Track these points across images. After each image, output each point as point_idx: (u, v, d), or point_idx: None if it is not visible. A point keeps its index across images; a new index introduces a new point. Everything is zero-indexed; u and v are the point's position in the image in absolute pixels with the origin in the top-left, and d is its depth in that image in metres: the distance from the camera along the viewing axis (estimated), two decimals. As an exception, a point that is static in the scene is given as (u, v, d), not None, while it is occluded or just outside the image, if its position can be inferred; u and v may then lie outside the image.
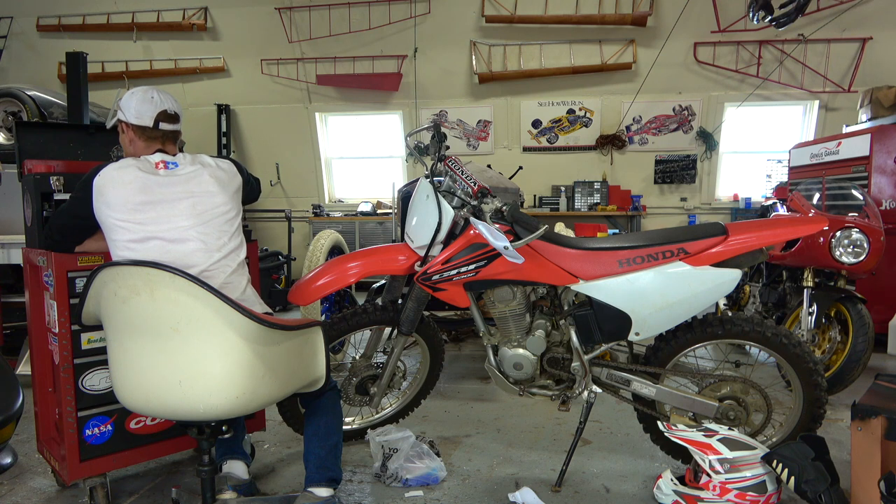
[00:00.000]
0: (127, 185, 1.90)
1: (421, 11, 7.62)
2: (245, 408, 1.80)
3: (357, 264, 2.53)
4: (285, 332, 1.87)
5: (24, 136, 2.72)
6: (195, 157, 2.07)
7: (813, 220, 2.44)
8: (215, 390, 1.74)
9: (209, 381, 1.73)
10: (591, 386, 2.46)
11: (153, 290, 1.71)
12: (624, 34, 7.53)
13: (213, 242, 1.97)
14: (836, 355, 3.53)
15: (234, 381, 1.75)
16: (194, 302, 1.70)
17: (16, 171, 2.56)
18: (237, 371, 1.75)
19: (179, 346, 1.73)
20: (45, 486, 2.50)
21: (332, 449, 2.16)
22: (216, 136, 8.28)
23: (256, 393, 1.80)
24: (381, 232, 7.66)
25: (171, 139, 2.10)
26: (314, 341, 2.04)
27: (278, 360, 1.87)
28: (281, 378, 1.89)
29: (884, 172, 4.65)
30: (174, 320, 1.72)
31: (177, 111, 2.12)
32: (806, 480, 2.07)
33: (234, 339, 1.74)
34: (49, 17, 8.32)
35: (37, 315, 2.38)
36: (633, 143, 7.88)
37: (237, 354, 1.75)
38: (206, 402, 1.74)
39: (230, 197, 2.06)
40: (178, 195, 1.95)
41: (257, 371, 1.79)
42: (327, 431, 2.17)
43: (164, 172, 1.98)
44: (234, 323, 1.73)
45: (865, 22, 6.97)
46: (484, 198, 2.34)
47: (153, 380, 1.76)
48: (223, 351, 1.74)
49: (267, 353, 1.82)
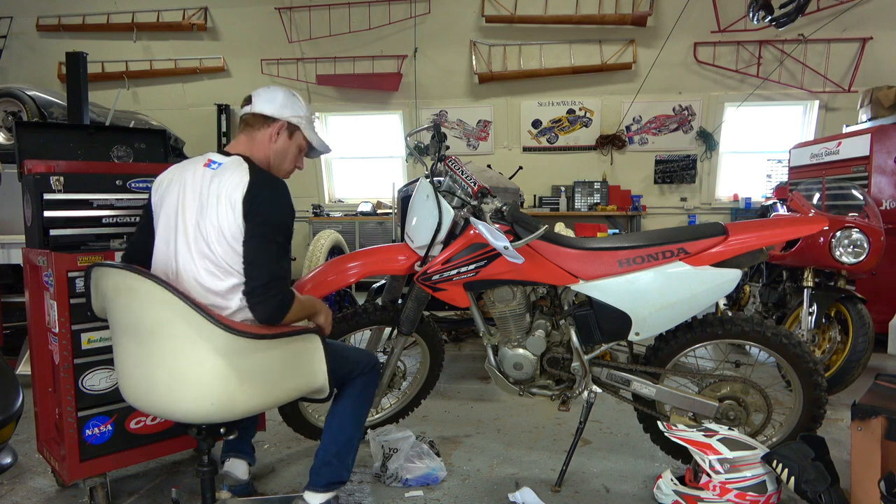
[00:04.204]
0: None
1: (421, 11, 7.62)
2: (223, 415, 1.75)
3: (357, 264, 2.53)
4: (267, 341, 1.78)
5: (24, 136, 2.71)
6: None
7: (813, 220, 2.44)
8: (190, 396, 1.71)
9: (185, 385, 1.71)
10: (591, 386, 2.46)
11: (130, 292, 1.72)
12: (624, 34, 7.54)
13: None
14: (836, 355, 3.53)
15: (207, 388, 1.70)
16: (162, 307, 1.68)
17: (16, 171, 2.55)
18: (209, 379, 1.70)
19: (157, 349, 1.72)
20: (45, 486, 2.50)
21: (343, 445, 2.09)
22: (216, 136, 8.28)
23: (234, 401, 1.74)
24: (381, 232, 7.65)
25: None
26: (308, 349, 1.90)
27: (260, 369, 1.78)
28: (264, 388, 1.80)
29: (884, 172, 4.65)
30: (150, 323, 1.72)
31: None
32: (806, 480, 2.07)
33: (205, 346, 1.68)
34: (49, 17, 8.32)
35: (37, 315, 2.38)
36: (633, 143, 7.88)
37: (208, 362, 1.69)
38: (184, 407, 1.73)
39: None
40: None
41: (231, 380, 1.71)
42: (341, 425, 2.10)
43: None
44: (202, 330, 1.67)
45: (865, 22, 6.97)
46: (484, 198, 2.34)
47: (140, 379, 1.77)
48: (196, 358, 1.69)
49: (243, 363, 1.73)
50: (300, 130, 2.06)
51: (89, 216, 2.36)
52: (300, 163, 2.16)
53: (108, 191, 2.39)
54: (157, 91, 8.49)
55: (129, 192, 2.44)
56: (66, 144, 2.80)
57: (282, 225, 1.84)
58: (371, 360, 2.18)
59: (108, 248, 2.30)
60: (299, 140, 2.08)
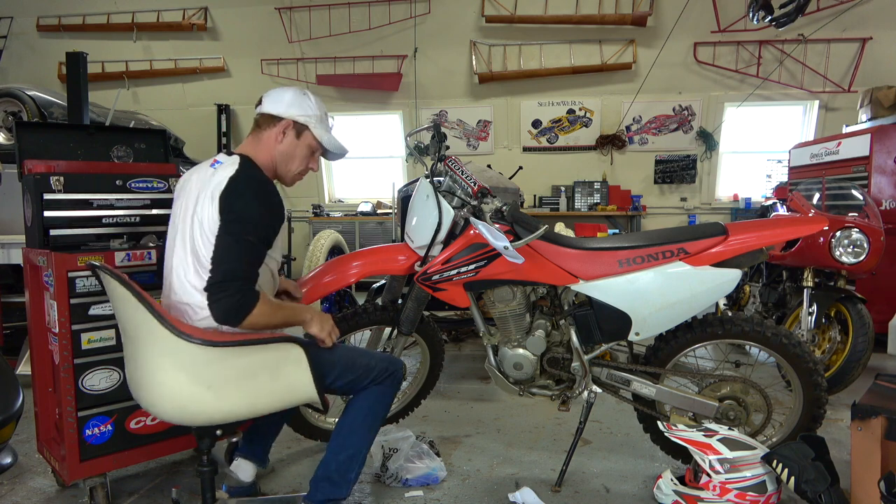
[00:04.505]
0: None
1: (421, 11, 7.62)
2: (194, 419, 1.75)
3: (357, 264, 2.53)
4: (232, 349, 1.72)
5: (24, 136, 2.71)
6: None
7: (813, 220, 2.44)
8: (163, 399, 1.74)
9: (159, 388, 1.74)
10: (591, 386, 2.46)
11: (114, 295, 1.77)
12: (624, 34, 7.53)
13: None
14: (836, 355, 3.53)
15: (174, 392, 1.72)
16: (135, 310, 1.70)
17: (16, 171, 2.55)
18: (172, 383, 1.71)
19: (136, 351, 1.76)
20: (45, 486, 2.50)
21: (347, 459, 1.97)
22: (216, 136, 8.28)
23: (203, 407, 1.73)
24: (381, 232, 7.65)
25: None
26: (289, 359, 1.80)
27: (232, 376, 1.74)
28: (239, 396, 1.76)
29: (884, 172, 4.65)
30: (129, 326, 1.76)
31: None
32: (806, 480, 2.07)
33: (166, 351, 1.69)
34: (49, 17, 8.32)
35: (37, 315, 2.38)
36: (633, 143, 7.88)
37: (170, 367, 1.70)
38: (159, 409, 1.76)
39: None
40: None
41: (196, 386, 1.71)
42: (347, 436, 1.98)
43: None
44: (162, 335, 1.67)
45: (865, 22, 6.97)
46: (484, 198, 2.34)
47: (130, 376, 1.85)
48: (159, 363, 1.72)
49: (210, 369, 1.71)
50: (309, 130, 2.00)
51: (89, 216, 2.36)
52: (313, 164, 2.09)
53: (108, 191, 2.39)
54: (157, 91, 8.49)
55: (129, 192, 2.44)
56: (66, 144, 2.80)
57: (257, 223, 1.79)
58: (389, 368, 2.03)
59: (108, 248, 2.30)
60: (308, 140, 2.02)
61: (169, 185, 2.54)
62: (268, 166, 1.98)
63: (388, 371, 2.03)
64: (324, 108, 2.06)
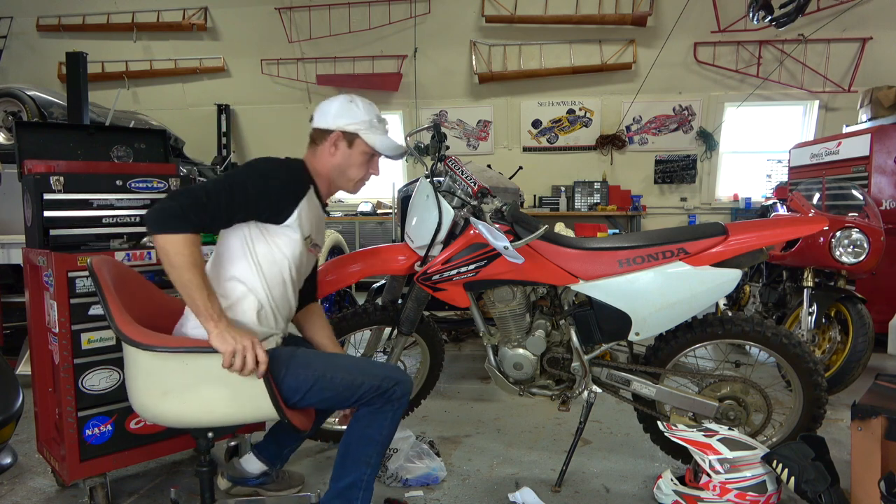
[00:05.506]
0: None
1: (421, 11, 7.62)
2: (164, 420, 1.76)
3: (357, 264, 2.53)
4: (182, 356, 1.67)
5: (24, 136, 2.71)
6: None
7: (813, 220, 2.44)
8: (135, 401, 1.78)
9: (133, 392, 1.77)
10: (591, 386, 2.46)
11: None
12: (624, 34, 7.54)
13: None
14: (836, 355, 3.53)
15: (140, 393, 1.75)
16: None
17: (16, 171, 2.55)
18: (139, 387, 1.74)
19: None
20: (45, 486, 2.50)
21: (347, 489, 1.83)
22: (216, 136, 8.28)
23: (164, 409, 1.72)
24: (381, 232, 7.66)
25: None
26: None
27: (182, 383, 1.69)
28: (192, 404, 1.71)
29: (884, 172, 4.65)
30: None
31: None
32: (806, 480, 2.07)
33: (128, 354, 1.74)
34: (49, 17, 8.32)
35: (37, 315, 2.38)
36: (633, 143, 7.89)
37: (133, 370, 1.74)
38: (138, 410, 1.81)
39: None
40: None
41: (151, 389, 1.72)
42: (342, 465, 1.84)
43: None
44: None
45: (865, 22, 6.97)
46: (484, 198, 2.34)
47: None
48: (128, 365, 1.77)
49: (159, 376, 1.70)
50: (360, 137, 1.95)
51: (89, 216, 2.35)
52: (374, 169, 2.06)
53: (108, 191, 2.39)
54: (157, 91, 8.49)
55: (129, 192, 2.44)
56: (66, 144, 2.80)
57: (243, 170, 1.76)
58: (382, 386, 1.78)
59: (108, 248, 2.30)
60: (362, 147, 1.97)
61: (169, 185, 2.53)
62: (325, 176, 1.99)
63: (380, 390, 1.78)
64: (374, 112, 2.00)
